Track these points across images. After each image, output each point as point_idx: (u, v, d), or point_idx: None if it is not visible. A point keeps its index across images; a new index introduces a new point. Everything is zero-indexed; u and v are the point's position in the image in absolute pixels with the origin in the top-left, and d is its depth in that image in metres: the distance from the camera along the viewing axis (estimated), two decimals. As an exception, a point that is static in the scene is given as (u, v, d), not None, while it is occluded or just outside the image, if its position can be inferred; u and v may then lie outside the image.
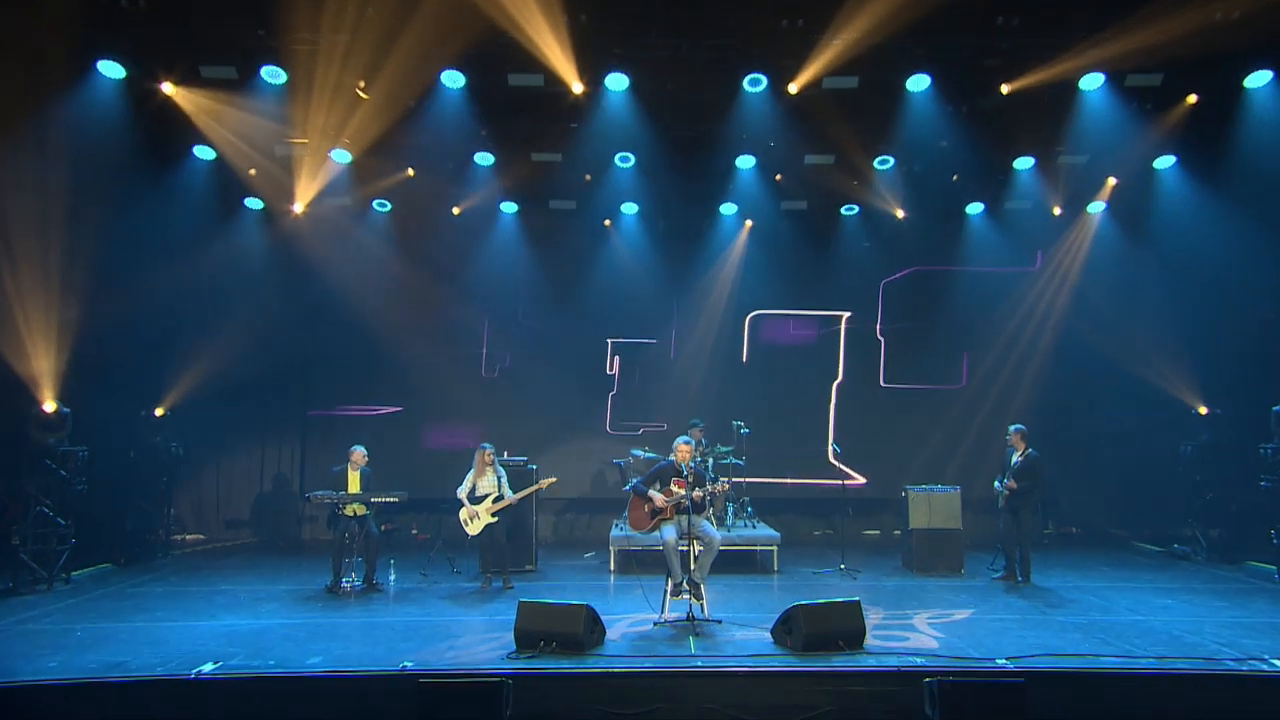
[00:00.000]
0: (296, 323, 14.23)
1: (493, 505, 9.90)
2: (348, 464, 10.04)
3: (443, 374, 14.46)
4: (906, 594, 9.23)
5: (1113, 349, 13.41)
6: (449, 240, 14.11)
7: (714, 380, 14.45)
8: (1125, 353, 13.21)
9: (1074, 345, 13.89)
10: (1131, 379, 13.20)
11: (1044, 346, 14.07)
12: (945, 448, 14.02)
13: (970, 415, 14.10)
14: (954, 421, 14.14)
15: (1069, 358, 13.98)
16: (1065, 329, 13.94)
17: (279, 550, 13.18)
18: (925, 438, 14.10)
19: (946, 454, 13.95)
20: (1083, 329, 13.76)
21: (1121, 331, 13.28)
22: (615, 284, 14.36)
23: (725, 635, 7.31)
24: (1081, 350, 13.82)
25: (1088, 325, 13.72)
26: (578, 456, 14.24)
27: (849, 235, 14.15)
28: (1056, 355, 14.04)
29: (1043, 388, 14.02)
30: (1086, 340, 13.73)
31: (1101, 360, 13.64)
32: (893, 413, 14.25)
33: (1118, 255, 13.29)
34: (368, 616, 8.31)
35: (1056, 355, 14.04)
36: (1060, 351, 14.03)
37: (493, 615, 8.31)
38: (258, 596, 9.32)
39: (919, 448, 14.03)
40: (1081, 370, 13.97)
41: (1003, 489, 10.04)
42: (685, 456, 8.17)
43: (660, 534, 8.00)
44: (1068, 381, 14.08)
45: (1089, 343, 13.71)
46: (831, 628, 6.75)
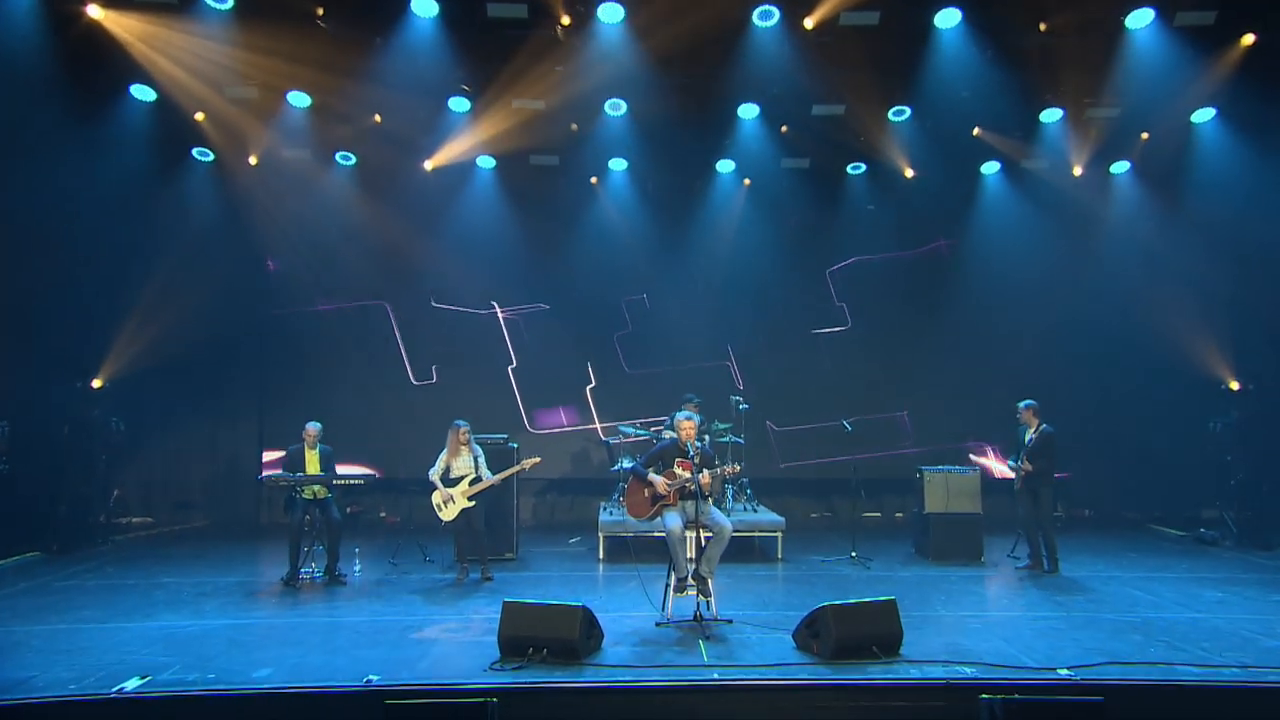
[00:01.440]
0: (253, 285, 13.13)
1: (469, 488, 8.98)
2: (304, 443, 9.08)
3: (414, 343, 13.49)
4: (929, 586, 8.46)
5: (1131, 318, 12.71)
6: (420, 197, 13.06)
7: (710, 353, 13.59)
8: (1145, 322, 12.50)
9: (1087, 314, 13.15)
10: (1150, 351, 12.51)
11: (1054, 316, 13.33)
12: (948, 424, 13.30)
13: (969, 388, 13.37)
14: (954, 396, 13.40)
15: (1080, 327, 13.25)
16: (1078, 296, 13.20)
17: (233, 535, 12.18)
18: (928, 414, 13.36)
19: (949, 430, 13.23)
20: (1097, 295, 13.03)
21: (1141, 299, 12.56)
22: (601, 247, 13.43)
23: (739, 638, 6.47)
24: (1095, 320, 13.10)
25: (1103, 291, 12.99)
26: (558, 434, 13.34)
27: (854, 196, 13.28)
28: (1068, 325, 13.32)
29: (1051, 360, 13.30)
30: (1101, 308, 13.01)
31: (1118, 331, 12.94)
32: (894, 389, 13.47)
33: (1142, 218, 12.51)
34: (328, 615, 7.38)
35: (1068, 325, 13.32)
36: (1072, 321, 13.29)
37: (471, 614, 7.42)
38: (203, 591, 8.35)
39: (922, 423, 13.26)
40: (1094, 341, 13.25)
41: (1019, 470, 9.30)
42: (690, 434, 7.29)
43: (663, 522, 7.12)
44: (1079, 353, 13.36)
45: (1104, 311, 12.99)
46: (865, 631, 5.94)
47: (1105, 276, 12.97)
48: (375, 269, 13.50)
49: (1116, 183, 12.67)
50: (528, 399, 13.47)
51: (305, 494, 8.82)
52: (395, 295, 13.60)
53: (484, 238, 13.27)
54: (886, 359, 13.56)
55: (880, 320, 13.63)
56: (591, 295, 13.51)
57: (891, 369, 13.53)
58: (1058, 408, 12.89)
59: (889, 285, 13.60)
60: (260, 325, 13.40)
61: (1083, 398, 13.08)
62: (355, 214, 13.05)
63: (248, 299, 13.04)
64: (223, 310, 12.63)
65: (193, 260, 12.28)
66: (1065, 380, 13.04)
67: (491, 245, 13.33)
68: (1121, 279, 12.85)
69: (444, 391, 13.35)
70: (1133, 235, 12.57)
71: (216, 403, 13.41)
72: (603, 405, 13.42)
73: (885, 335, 13.59)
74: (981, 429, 13.33)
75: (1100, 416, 13.20)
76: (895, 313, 13.60)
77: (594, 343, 13.54)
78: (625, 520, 10.09)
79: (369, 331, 13.54)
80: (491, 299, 13.59)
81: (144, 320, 11.80)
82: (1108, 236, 12.82)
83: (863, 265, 13.61)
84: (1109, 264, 12.93)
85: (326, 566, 8.89)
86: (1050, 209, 12.86)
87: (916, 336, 13.53)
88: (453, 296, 13.58)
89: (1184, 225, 11.87)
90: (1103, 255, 12.96)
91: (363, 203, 13.02)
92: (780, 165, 12.77)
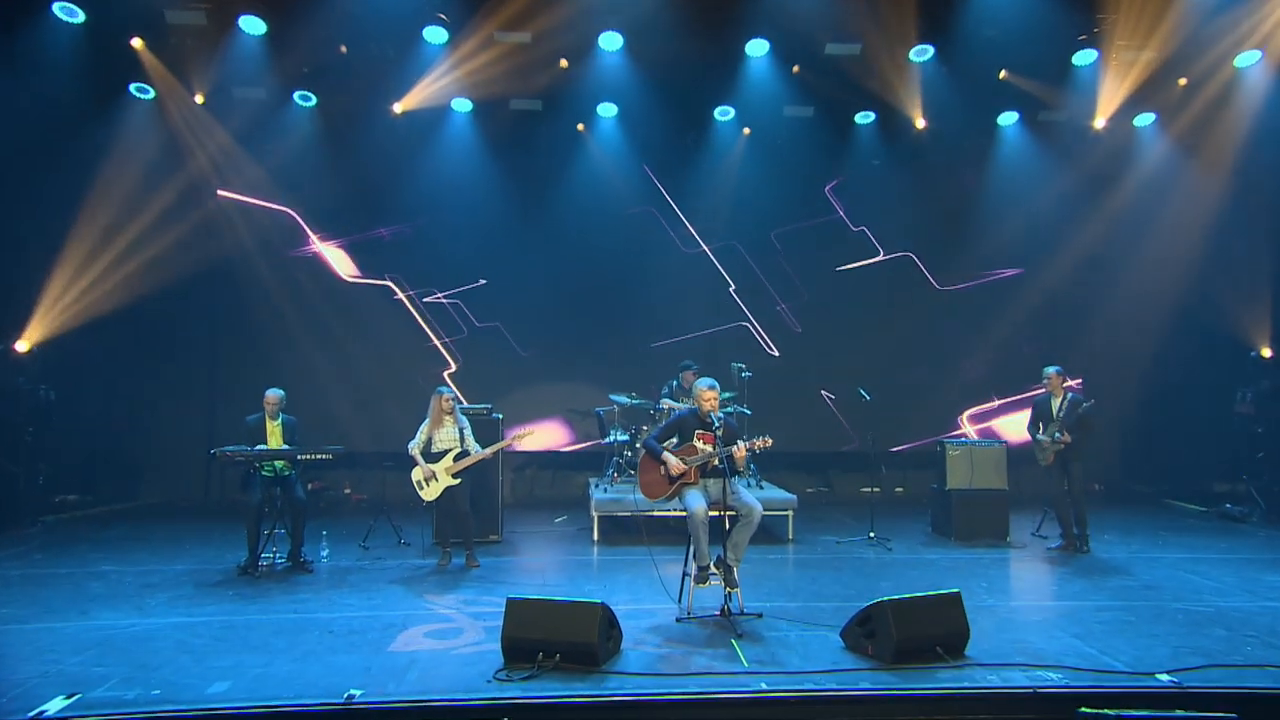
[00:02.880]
0: (202, 239, 11.97)
1: (454, 464, 8.09)
2: (263, 412, 8.11)
3: (380, 303, 12.48)
4: (964, 571, 7.78)
5: (1148, 280, 12.11)
6: (388, 142, 11.99)
7: (707, 316, 12.75)
8: (1162, 285, 11.92)
9: (1099, 274, 12.53)
10: (1166, 316, 11.95)
11: (1064, 275, 12.70)
12: (948, 395, 12.69)
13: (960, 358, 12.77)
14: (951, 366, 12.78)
15: (1091, 288, 12.64)
16: (1091, 254, 12.58)
17: (180, 516, 11.15)
18: (932, 385, 12.71)
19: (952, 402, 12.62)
20: (1111, 253, 12.40)
21: (1159, 258, 11.96)
22: (586, 202, 12.49)
23: (775, 636, 5.70)
24: (1107, 280, 12.47)
25: (1118, 249, 12.36)
26: (538, 402, 12.45)
27: (861, 148, 12.47)
28: (1077, 286, 12.71)
29: (1058, 322, 12.73)
30: (1115, 267, 12.38)
31: (1132, 293, 12.32)
32: (901, 358, 12.79)
33: (1167, 173, 11.88)
34: (295, 611, 6.46)
35: (1077, 286, 12.71)
36: (1083, 281, 12.68)
37: (460, 607, 6.56)
38: (149, 582, 7.38)
39: (922, 397, 12.60)
40: (1104, 304, 12.64)
41: (1056, 442, 8.63)
42: (713, 404, 6.47)
43: (684, 503, 6.31)
44: (1087, 316, 12.76)
45: (1117, 270, 12.37)
46: (928, 630, 5.20)
47: (1123, 234, 12.33)
48: (341, 220, 12.43)
49: (1140, 136, 12.01)
50: (508, 372, 12.53)
51: (266, 470, 7.86)
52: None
53: (459, 188, 12.28)
54: (886, 328, 12.85)
55: (884, 283, 12.89)
56: (578, 254, 12.58)
57: (888, 337, 12.81)
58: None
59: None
60: (210, 282, 12.25)
61: (1090, 363, 12.49)
62: (315, 160, 11.94)
63: (196, 253, 11.86)
64: (166, 266, 11.48)
65: (131, 209, 11.16)
66: (1071, 344, 12.49)
67: (467, 197, 12.35)
68: (1140, 237, 12.24)
69: (416, 357, 12.40)
70: (1156, 191, 11.94)
71: (161, 367, 12.30)
72: (592, 373, 12.55)
73: (888, 302, 12.86)
74: (971, 394, 12.81)
75: (1110, 384, 12.61)
76: (900, 274, 12.87)
77: (582, 306, 12.63)
78: (623, 499, 9.31)
79: (332, 288, 12.46)
80: (466, 257, 12.59)
81: (75, 276, 10.66)
82: (1128, 192, 12.15)
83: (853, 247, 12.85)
84: (1127, 221, 12.29)
85: (290, 551, 7.97)
86: (1069, 163, 12.18)
87: (917, 301, 12.83)
88: (421, 251, 12.57)
89: (1214, 179, 11.25)
90: (1122, 212, 12.30)
91: (324, 147, 11.92)
92: (783, 113, 11.93)
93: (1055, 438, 8.64)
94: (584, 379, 12.50)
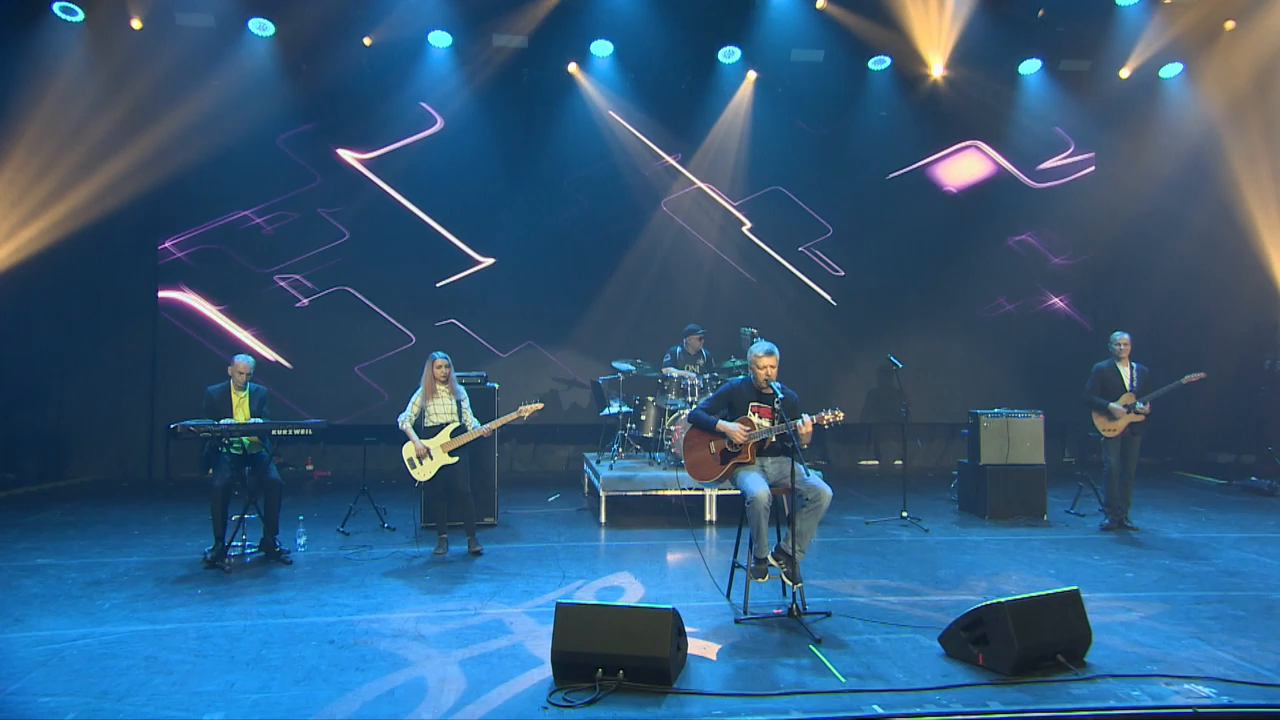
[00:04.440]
0: (140, 174, 10.67)
1: (451, 440, 7.18)
2: (229, 380, 7.09)
3: (346, 254, 11.40)
4: (1017, 555, 7.17)
5: (1165, 239, 11.63)
6: (357, 79, 10.87)
7: (711, 278, 11.93)
8: (1182, 245, 11.48)
9: (1114, 231, 12.03)
10: (1182, 279, 11.51)
11: (1079, 233, 12.21)
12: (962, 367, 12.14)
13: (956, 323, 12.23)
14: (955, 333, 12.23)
15: (1106, 247, 12.16)
16: (1105, 210, 12.07)
17: (124, 497, 10.00)
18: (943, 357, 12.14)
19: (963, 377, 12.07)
20: (1126, 208, 11.88)
21: (1179, 216, 11.48)
22: (576, 151, 11.54)
23: (859, 641, 4.97)
24: (1124, 239, 11.96)
25: (1135, 204, 11.84)
26: (520, 370, 11.55)
27: (872, 96, 11.72)
28: (1090, 244, 12.23)
29: (1069, 283, 12.28)
30: (1131, 223, 11.87)
31: (1150, 253, 11.83)
32: (914, 327, 12.18)
33: (1194, 125, 11.38)
34: (282, 614, 5.53)
35: (1090, 244, 12.23)
36: (1096, 240, 12.19)
37: (478, 606, 5.70)
38: (96, 578, 6.36)
39: (931, 368, 12.04)
40: (1118, 263, 12.14)
41: (1134, 414, 8.05)
42: (771, 372, 5.69)
43: (741, 486, 5.54)
44: (1097, 278, 12.30)
45: (1133, 227, 11.86)
46: (1048, 635, 4.52)
47: (1143, 189, 11.78)
48: (304, 167, 11.26)
49: (1166, 87, 11.49)
50: (482, 336, 11.58)
51: (234, 448, 6.86)
52: (328, 197, 11.37)
53: (435, 133, 11.23)
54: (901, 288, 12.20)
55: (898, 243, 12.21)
56: (566, 208, 11.65)
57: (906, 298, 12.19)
58: (1070, 338, 12.08)
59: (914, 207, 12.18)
60: (150, 228, 11.00)
61: (1094, 329, 12.08)
62: (276, 98, 10.77)
63: (139, 198, 10.60)
64: (95, 209, 10.22)
65: (60, 147, 9.88)
66: (1081, 305, 12.04)
67: (445, 142, 11.30)
68: (1158, 194, 11.68)
69: (396, 318, 11.38)
70: (1182, 144, 11.41)
71: (92, 324, 11.03)
72: (586, 340, 11.69)
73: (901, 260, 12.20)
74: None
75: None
76: (917, 234, 12.20)
77: (570, 265, 11.70)
78: (633, 477, 8.54)
79: (293, 240, 11.31)
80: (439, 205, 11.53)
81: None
82: (1152, 145, 11.62)
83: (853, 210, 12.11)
84: (1149, 176, 11.74)
85: (263, 540, 7.01)
86: (1092, 116, 11.61)
87: (932, 263, 12.22)
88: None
89: (1247, 132, 10.80)
90: (1144, 166, 11.75)
91: (283, 84, 10.74)
92: (790, 58, 11.14)
93: (1137, 409, 8.05)
94: (570, 345, 11.65)
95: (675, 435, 8.78)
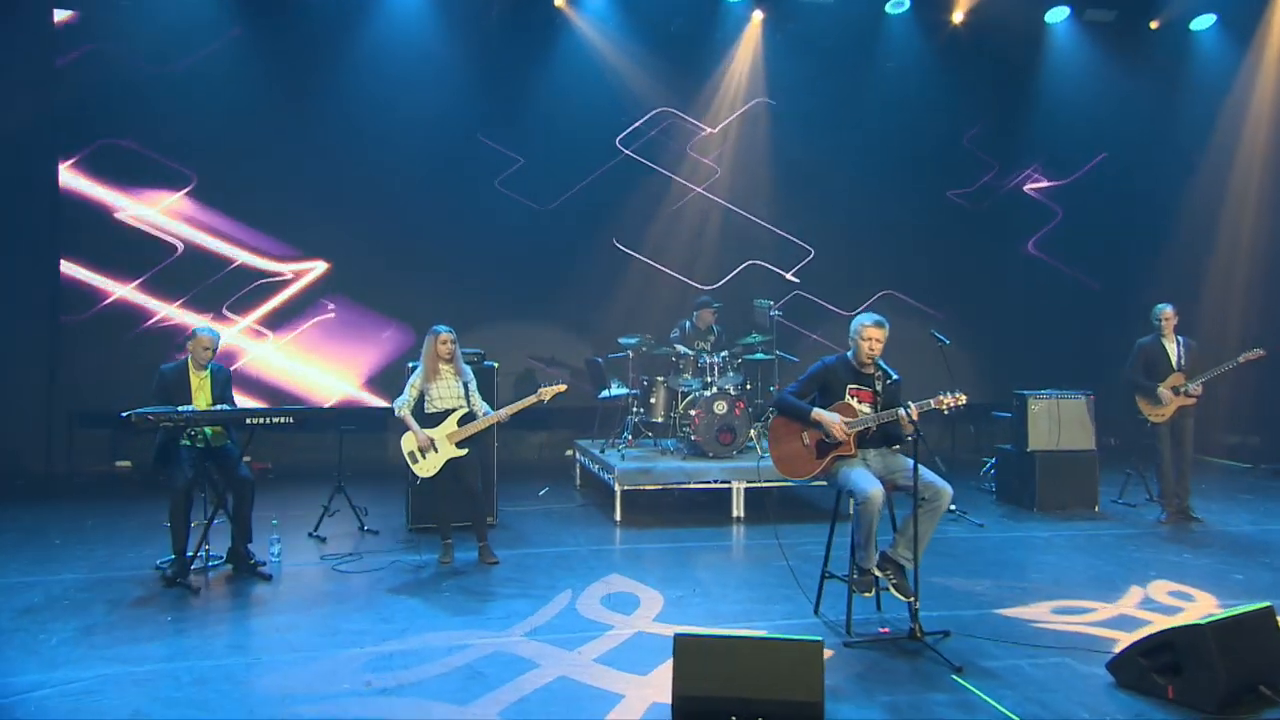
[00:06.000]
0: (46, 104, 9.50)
1: (459, 429, 6.44)
2: (187, 358, 6.19)
3: (296, 211, 10.43)
4: (1102, 553, 6.84)
5: (1190, 202, 11.54)
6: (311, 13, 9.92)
7: (721, 240, 11.37)
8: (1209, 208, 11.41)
9: (1139, 193, 11.91)
10: (1209, 245, 11.45)
11: (1103, 195, 12.08)
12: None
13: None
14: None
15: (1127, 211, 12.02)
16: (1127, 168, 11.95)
17: (25, 497, 8.88)
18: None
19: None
20: (1145, 169, 11.77)
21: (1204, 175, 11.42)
22: (565, 100, 10.84)
23: (1003, 668, 4.48)
24: (1151, 202, 11.85)
25: (1152, 165, 11.73)
26: (497, 346, 10.74)
27: (888, 43, 11.27)
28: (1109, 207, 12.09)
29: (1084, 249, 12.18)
30: (1152, 185, 11.76)
31: (1174, 219, 11.71)
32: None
33: (1227, 80, 11.28)
34: (284, 646, 4.73)
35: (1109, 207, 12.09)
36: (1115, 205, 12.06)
37: (521, 627, 5.01)
38: (27, 604, 5.43)
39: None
40: (1141, 225, 12.00)
41: (1184, 395, 7.81)
42: (877, 349, 5.13)
43: (847, 484, 4.98)
44: (1112, 247, 12.18)
45: (1155, 190, 11.76)
46: (1251, 662, 4.11)
47: (1159, 150, 11.66)
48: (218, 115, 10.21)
49: (1197, 39, 11.38)
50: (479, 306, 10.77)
51: (199, 441, 5.98)
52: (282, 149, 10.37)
53: (405, 76, 10.41)
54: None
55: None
56: (551, 164, 10.91)
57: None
58: (1082, 310, 11.94)
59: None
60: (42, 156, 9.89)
61: (1104, 301, 12.00)
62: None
63: (34, 126, 9.43)
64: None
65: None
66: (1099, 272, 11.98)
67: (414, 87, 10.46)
68: (1180, 151, 11.57)
69: (363, 279, 10.51)
70: (1213, 99, 11.30)
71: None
72: (568, 314, 11.02)
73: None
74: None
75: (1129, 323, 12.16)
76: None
77: (554, 229, 10.96)
78: (652, 468, 7.96)
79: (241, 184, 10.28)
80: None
81: None
82: (1180, 101, 11.48)
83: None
84: (1171, 134, 11.62)
85: (231, 549, 6.17)
86: (1120, 68, 11.39)
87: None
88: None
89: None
90: (1172, 123, 11.62)
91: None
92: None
93: (1187, 390, 7.80)
94: (550, 320, 10.96)
95: (695, 420, 8.20)
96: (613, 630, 4.99)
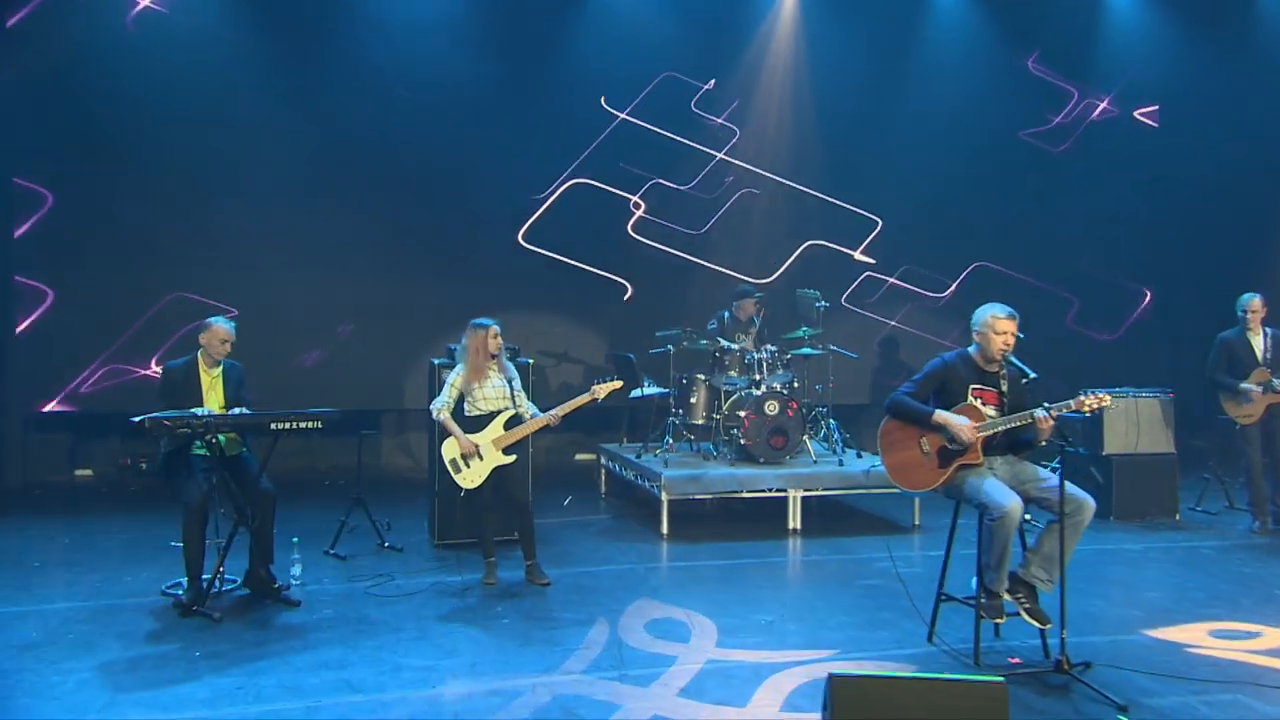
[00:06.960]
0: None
1: (505, 433, 5.98)
2: (197, 352, 5.69)
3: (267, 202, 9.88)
4: (1205, 570, 6.53)
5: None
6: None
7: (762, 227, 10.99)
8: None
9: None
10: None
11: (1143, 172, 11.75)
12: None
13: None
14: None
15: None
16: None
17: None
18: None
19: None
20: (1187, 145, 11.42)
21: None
22: (583, 75, 10.47)
23: (1173, 705, 4.11)
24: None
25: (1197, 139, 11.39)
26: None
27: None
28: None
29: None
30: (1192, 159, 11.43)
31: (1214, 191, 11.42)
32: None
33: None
34: (343, 686, 4.25)
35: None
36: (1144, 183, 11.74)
37: (612, 664, 4.57)
38: (26, 639, 4.91)
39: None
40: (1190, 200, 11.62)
41: (1272, 393, 7.51)
42: (1008, 343, 4.74)
43: (976, 496, 4.58)
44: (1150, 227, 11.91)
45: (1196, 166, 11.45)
46: None
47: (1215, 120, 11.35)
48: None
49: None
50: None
51: (211, 448, 5.46)
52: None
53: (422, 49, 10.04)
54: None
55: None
56: (565, 144, 10.51)
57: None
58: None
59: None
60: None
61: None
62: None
63: None
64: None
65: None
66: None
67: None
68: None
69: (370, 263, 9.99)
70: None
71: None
72: (577, 307, 10.60)
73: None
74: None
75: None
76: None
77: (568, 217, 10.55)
78: (702, 475, 7.54)
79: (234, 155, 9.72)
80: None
81: None
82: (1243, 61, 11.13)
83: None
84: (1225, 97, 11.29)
85: (250, 572, 5.66)
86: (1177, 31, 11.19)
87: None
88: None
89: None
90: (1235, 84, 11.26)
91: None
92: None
93: (1274, 386, 7.50)
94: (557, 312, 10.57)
95: (745, 422, 7.79)
96: (695, 660, 4.62)
